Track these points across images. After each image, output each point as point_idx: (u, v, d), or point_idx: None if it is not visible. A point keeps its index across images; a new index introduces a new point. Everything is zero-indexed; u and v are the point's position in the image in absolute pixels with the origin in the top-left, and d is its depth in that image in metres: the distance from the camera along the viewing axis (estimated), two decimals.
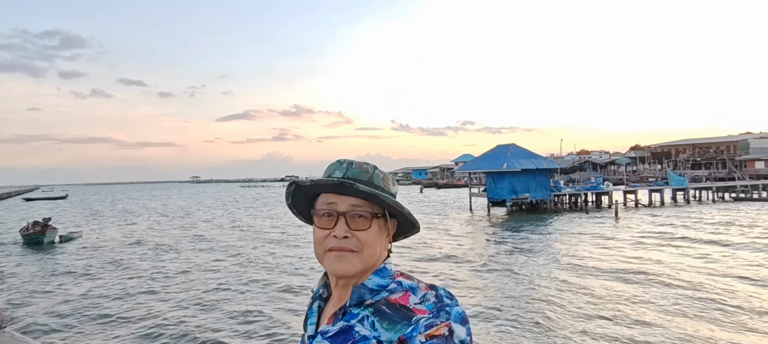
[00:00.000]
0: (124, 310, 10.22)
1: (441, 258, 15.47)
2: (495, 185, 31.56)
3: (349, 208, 0.96)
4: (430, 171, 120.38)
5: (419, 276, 0.98)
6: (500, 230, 22.47)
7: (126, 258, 17.50)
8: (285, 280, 12.75)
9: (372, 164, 1.04)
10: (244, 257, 16.69)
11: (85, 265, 16.16)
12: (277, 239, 21.37)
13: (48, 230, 21.77)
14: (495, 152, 33.81)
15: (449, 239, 19.89)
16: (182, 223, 31.88)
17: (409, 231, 1.07)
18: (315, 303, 1.06)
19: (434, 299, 0.90)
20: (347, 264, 0.94)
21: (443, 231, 22.83)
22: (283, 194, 1.11)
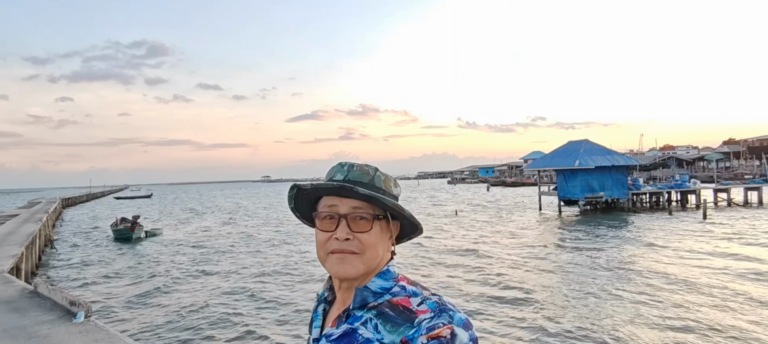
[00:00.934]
0: (198, 305, 10.91)
1: (505, 259, 15.08)
2: (566, 184, 30.28)
3: (350, 210, 0.96)
4: (498, 169, 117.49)
5: (481, 278, 0.98)
6: (572, 230, 21.51)
7: (202, 254, 18.66)
8: None
9: (374, 165, 1.03)
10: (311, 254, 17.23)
11: (166, 260, 17.44)
12: None
13: (136, 226, 23.72)
14: (566, 148, 32.46)
15: (515, 240, 19.35)
16: (255, 222, 33.42)
17: (413, 233, 1.06)
18: (320, 306, 1.07)
19: (436, 300, 0.90)
20: (349, 266, 0.94)
21: (508, 231, 22.24)
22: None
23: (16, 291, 8.11)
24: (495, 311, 9.56)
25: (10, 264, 10.80)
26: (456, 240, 19.64)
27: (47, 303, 7.15)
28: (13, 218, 25.56)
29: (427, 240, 19.79)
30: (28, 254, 14.40)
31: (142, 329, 9.10)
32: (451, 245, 18.35)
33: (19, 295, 7.78)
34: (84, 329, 5.87)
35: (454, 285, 11.77)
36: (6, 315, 6.66)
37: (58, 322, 6.18)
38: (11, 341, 5.54)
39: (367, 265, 0.95)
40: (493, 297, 10.57)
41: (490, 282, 11.97)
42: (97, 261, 17.76)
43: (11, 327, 6.05)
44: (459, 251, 16.84)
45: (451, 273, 13.32)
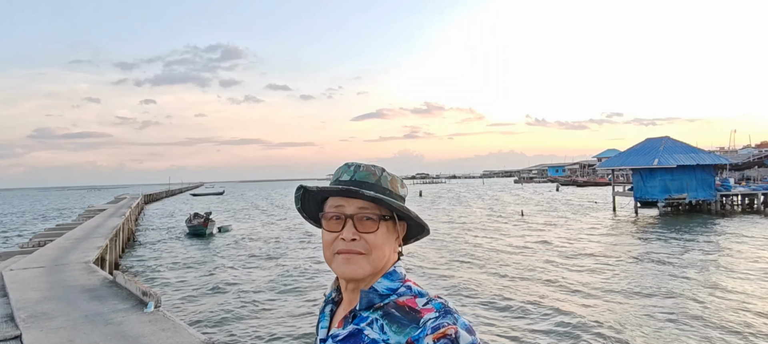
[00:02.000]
0: (266, 299, 11.32)
1: (572, 265, 14.37)
2: (644, 184, 28.43)
3: (356, 211, 0.96)
4: (569, 168, 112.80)
5: (541, 285, 0.92)
6: (651, 234, 20.12)
7: (269, 249, 19.38)
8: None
9: (380, 166, 1.03)
10: None
11: (233, 255, 18.28)
12: None
13: (208, 222, 25.10)
14: (644, 146, 30.51)
15: (586, 242, 18.40)
16: None
17: (419, 234, 1.06)
18: (327, 306, 1.07)
19: (442, 302, 0.90)
20: (356, 266, 0.94)
21: (579, 233, 21.19)
22: (416, 192, 1.11)
23: (98, 280, 8.81)
24: (551, 327, 9.11)
25: (95, 254, 11.76)
26: (520, 243, 19.00)
27: (123, 292, 7.70)
28: (101, 212, 27.91)
29: (487, 242, 19.34)
30: (111, 246, 15.64)
31: (207, 320, 9.58)
32: (512, 248, 17.79)
33: (101, 284, 8.44)
34: (153, 318, 6.25)
35: (503, 295, 11.38)
36: (88, 302, 7.24)
37: (132, 311, 6.63)
38: (90, 326, 6.01)
39: (374, 266, 0.95)
40: (554, 309, 10.08)
41: (551, 290, 11.46)
42: (172, 254, 18.97)
43: (92, 314, 6.56)
44: (521, 255, 16.28)
45: (505, 277, 12.89)
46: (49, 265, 10.39)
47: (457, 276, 12.98)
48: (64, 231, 18.17)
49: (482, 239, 20.09)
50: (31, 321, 6.27)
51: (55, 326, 6.04)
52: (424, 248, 17.13)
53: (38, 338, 5.60)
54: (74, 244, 13.81)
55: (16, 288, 8.18)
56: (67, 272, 9.66)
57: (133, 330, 5.78)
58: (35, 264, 10.50)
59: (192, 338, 5.45)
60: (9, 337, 5.81)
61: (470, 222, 27.54)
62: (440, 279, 12.68)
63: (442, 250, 17.42)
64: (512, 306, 9.98)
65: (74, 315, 6.56)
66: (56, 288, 8.23)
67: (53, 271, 9.76)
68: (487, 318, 9.28)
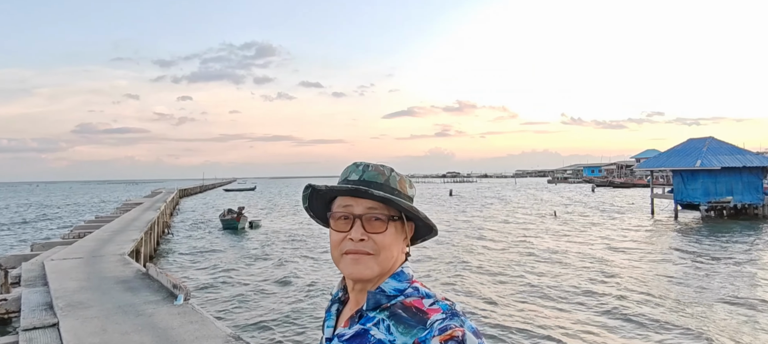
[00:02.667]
0: (292, 295, 11.46)
1: (606, 270, 13.97)
2: (685, 186, 27.38)
3: (365, 211, 0.96)
4: (605, 168, 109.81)
5: (573, 291, 0.89)
6: (692, 238, 19.36)
7: (297, 245, 19.62)
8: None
9: (389, 166, 1.03)
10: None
11: (263, 249, 18.59)
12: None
13: (240, 217, 25.65)
14: (686, 146, 29.40)
15: (621, 244, 17.86)
16: None
17: (427, 235, 1.06)
18: (333, 306, 1.07)
19: (449, 304, 0.89)
20: (364, 267, 0.94)
21: (615, 235, 20.58)
22: (447, 192, 1.11)
23: (132, 272, 9.11)
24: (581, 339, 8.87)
25: (130, 247, 12.16)
26: (550, 245, 18.61)
27: (155, 284, 7.94)
28: (138, 206, 28.87)
29: (513, 244, 19.03)
30: (146, 239, 16.15)
31: (234, 314, 9.77)
32: (540, 250, 17.43)
33: (134, 276, 8.72)
34: (182, 311, 6.40)
35: (526, 310, 11.15)
36: (121, 293, 7.49)
37: (162, 303, 6.81)
38: (123, 317, 6.21)
39: (382, 266, 0.95)
40: (586, 322, 9.82)
41: (583, 296, 11.17)
42: (204, 247, 19.44)
43: (124, 305, 6.78)
44: (548, 259, 15.93)
45: (533, 282, 12.63)
46: (87, 256, 10.81)
47: (462, 286, 12.81)
48: (102, 224, 18.88)
49: (504, 241, 19.78)
50: (68, 310, 6.53)
51: (90, 315, 6.27)
52: (439, 249, 16.98)
53: (74, 326, 5.82)
54: (111, 236, 14.33)
55: (56, 278, 8.54)
56: (103, 263, 10.03)
57: (163, 322, 5.94)
58: (74, 255, 10.94)
59: (218, 331, 5.56)
60: (48, 324, 6.06)
61: (490, 219, 27.16)
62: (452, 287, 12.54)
63: (454, 251, 17.24)
64: (540, 324, 9.78)
65: (108, 305, 6.79)
66: (92, 278, 8.55)
67: (90, 262, 10.14)
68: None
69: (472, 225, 25.86)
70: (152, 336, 5.45)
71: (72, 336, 5.48)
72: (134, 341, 5.30)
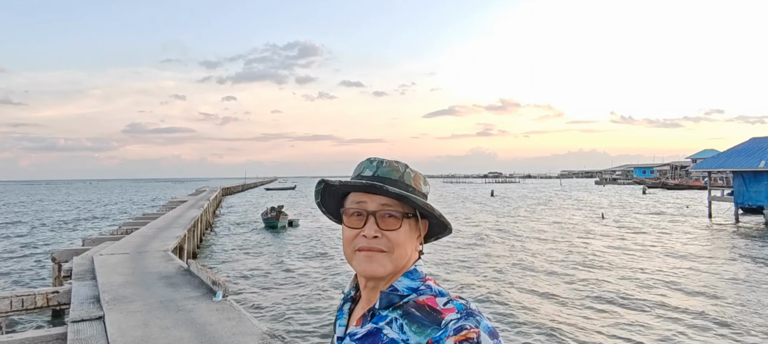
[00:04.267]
0: (328, 293, 11.55)
1: (658, 278, 13.33)
2: (747, 188, 25.86)
3: (379, 207, 0.95)
4: (658, 169, 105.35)
5: (622, 301, 0.83)
6: (755, 245, 18.23)
7: (335, 244, 19.79)
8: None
9: (403, 162, 1.02)
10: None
11: (301, 248, 18.86)
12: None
13: (281, 216, 26.18)
14: (748, 146, 27.79)
15: (678, 253, 17.02)
16: None
17: (441, 233, 1.05)
18: (345, 304, 1.07)
19: (464, 303, 0.89)
20: (377, 264, 0.94)
21: (667, 240, 19.64)
22: (488, 193, 1.09)
23: (174, 268, 9.41)
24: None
25: (174, 244, 12.59)
26: (600, 249, 17.97)
27: (196, 280, 8.17)
28: (182, 204, 29.91)
29: (562, 247, 18.48)
30: (190, 236, 16.70)
31: (271, 311, 9.93)
32: (591, 254, 16.85)
33: (176, 272, 9.01)
34: (221, 307, 6.55)
35: (579, 316, 10.75)
36: (163, 288, 7.75)
37: (202, 299, 7.00)
38: (164, 311, 6.41)
39: (395, 264, 0.94)
40: (648, 330, 9.39)
41: (640, 304, 10.69)
42: (245, 245, 19.93)
43: (165, 300, 7.01)
44: (600, 263, 15.37)
45: (585, 288, 12.19)
46: (133, 252, 11.27)
47: (497, 293, 12.50)
48: (148, 221, 19.66)
49: (552, 244, 19.23)
50: (113, 304, 6.81)
51: (133, 309, 6.51)
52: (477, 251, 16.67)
53: (117, 319, 6.06)
54: (156, 233, 14.89)
55: (103, 272, 8.93)
56: (148, 259, 10.42)
57: (201, 318, 6.09)
58: (121, 251, 11.43)
59: (254, 329, 5.65)
60: (94, 317, 6.34)
61: (535, 220, 26.48)
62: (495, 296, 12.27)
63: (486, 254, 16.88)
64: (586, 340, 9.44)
65: (150, 299, 7.03)
66: (137, 273, 8.90)
67: (136, 257, 10.56)
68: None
69: (516, 227, 25.33)
70: (191, 331, 5.59)
71: (116, 329, 5.70)
72: (174, 335, 5.45)
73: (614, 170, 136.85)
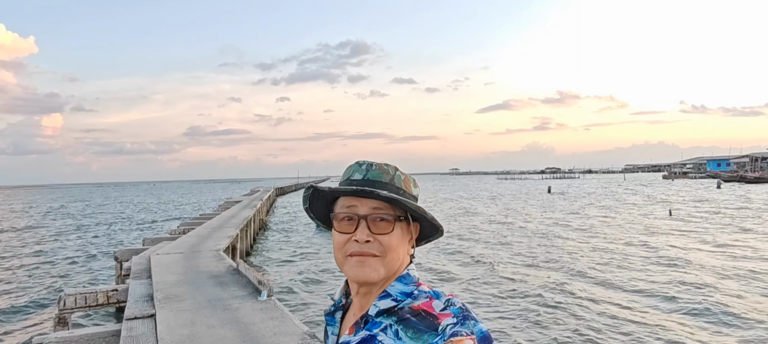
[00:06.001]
0: None
1: (742, 290, 12.44)
2: None
3: (370, 211, 0.95)
4: (734, 162, 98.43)
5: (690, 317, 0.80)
6: None
7: None
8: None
9: (393, 165, 1.01)
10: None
11: None
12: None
13: None
14: None
15: (760, 251, 15.82)
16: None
17: (433, 235, 1.04)
18: (336, 312, 1.05)
19: (461, 306, 0.87)
20: (369, 269, 0.93)
21: (744, 243, 18.29)
22: (545, 189, 1.08)
23: (224, 267, 9.78)
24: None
25: (226, 244, 13.08)
26: (673, 251, 17.02)
27: (243, 280, 8.44)
28: (237, 204, 31.04)
29: (630, 247, 17.66)
30: (242, 236, 17.30)
31: (315, 312, 10.10)
32: (666, 257, 15.98)
33: (226, 271, 9.35)
34: (265, 307, 6.73)
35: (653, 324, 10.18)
36: (213, 287, 8.07)
37: (247, 298, 7.22)
38: (211, 310, 6.67)
39: (388, 268, 0.94)
40: None
41: (727, 316, 10.03)
42: (295, 245, 20.42)
43: (213, 299, 7.29)
44: (675, 265, 14.54)
45: (657, 292, 11.56)
46: (187, 251, 11.80)
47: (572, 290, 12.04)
48: (204, 221, 20.54)
49: (619, 244, 18.39)
50: (164, 302, 7.15)
51: (182, 308, 6.81)
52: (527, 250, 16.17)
53: (167, 317, 6.36)
54: (210, 233, 15.53)
55: (158, 271, 9.41)
56: (200, 258, 10.88)
57: (246, 317, 6.28)
58: (176, 250, 12.00)
59: (295, 329, 5.76)
60: (146, 315, 6.69)
61: (599, 218, 25.39)
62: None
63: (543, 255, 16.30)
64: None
65: (200, 298, 7.34)
66: (189, 272, 9.31)
67: (189, 257, 11.06)
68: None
69: (571, 226, 24.46)
70: (235, 330, 5.78)
71: (165, 326, 5.98)
72: (218, 334, 5.65)
73: (684, 163, 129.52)
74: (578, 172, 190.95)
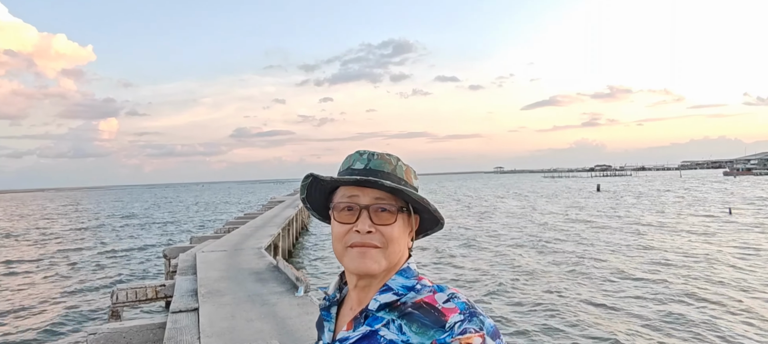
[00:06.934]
0: None
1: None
2: None
3: (372, 201, 0.92)
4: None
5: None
6: None
7: (425, 245, 19.90)
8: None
9: (395, 155, 0.99)
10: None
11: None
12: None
13: None
14: None
15: None
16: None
17: (432, 228, 1.02)
18: (331, 307, 1.01)
19: (465, 300, 0.85)
20: (371, 260, 0.90)
21: None
22: (594, 187, 1.15)
23: (264, 264, 10.12)
24: None
25: (267, 242, 13.50)
26: (720, 256, 16.23)
27: (282, 276, 8.72)
28: (280, 204, 31.83)
29: (691, 251, 16.96)
30: (284, 234, 17.76)
31: None
32: (703, 260, 15.27)
33: (266, 268, 9.68)
34: (301, 302, 6.96)
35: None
36: (253, 283, 8.38)
37: (285, 294, 7.47)
38: (250, 305, 6.96)
39: (389, 260, 0.92)
40: None
41: None
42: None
43: (253, 294, 7.59)
44: (711, 276, 13.87)
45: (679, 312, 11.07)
46: (230, 249, 12.27)
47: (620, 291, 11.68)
48: (248, 220, 21.21)
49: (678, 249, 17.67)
50: (207, 297, 7.51)
51: (224, 302, 7.13)
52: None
53: (209, 311, 6.69)
54: (253, 231, 16.04)
55: (203, 268, 9.85)
56: (242, 256, 11.29)
57: (282, 312, 6.52)
58: (220, 248, 12.50)
59: None
60: (190, 309, 7.04)
61: (654, 223, 24.41)
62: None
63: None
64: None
65: (240, 294, 7.65)
66: (231, 269, 9.70)
67: (232, 255, 11.50)
68: None
69: (628, 229, 23.67)
70: (272, 324, 6.02)
71: (207, 320, 6.30)
72: (256, 327, 5.90)
73: (748, 159, 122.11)
74: (630, 169, 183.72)
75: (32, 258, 20.65)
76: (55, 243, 25.83)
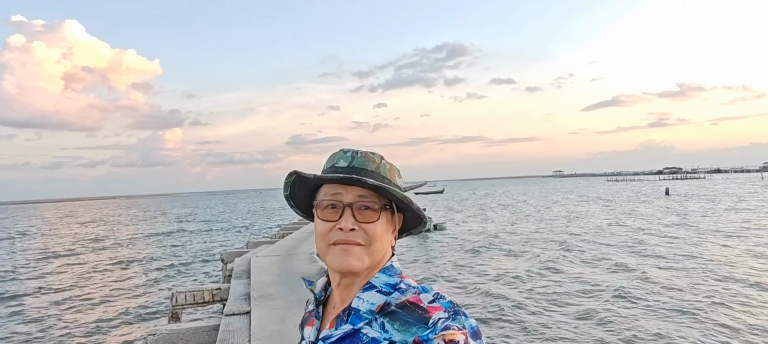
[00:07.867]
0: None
1: None
2: None
3: (355, 199, 0.94)
4: None
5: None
6: None
7: (480, 251, 19.55)
8: None
9: (379, 153, 1.01)
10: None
11: (443, 252, 18.99)
12: None
13: None
14: None
15: None
16: (536, 224, 32.92)
17: (415, 227, 1.04)
18: (318, 307, 1.03)
19: (450, 300, 0.87)
20: (354, 258, 0.92)
21: None
22: (662, 191, 1.14)
23: (315, 269, 10.25)
24: None
25: None
26: None
27: None
28: None
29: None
30: None
31: None
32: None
33: (317, 273, 9.80)
34: None
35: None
36: (304, 288, 8.49)
37: None
38: (300, 309, 7.02)
39: (372, 258, 0.93)
40: None
41: None
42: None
43: (303, 298, 7.68)
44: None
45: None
46: (283, 254, 12.54)
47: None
48: (301, 225, 21.64)
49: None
50: (259, 301, 7.69)
51: (275, 306, 7.27)
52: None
53: (261, 315, 6.84)
54: (306, 237, 16.33)
55: (256, 272, 10.12)
56: (295, 261, 11.51)
57: None
58: (274, 253, 12.80)
59: None
60: (243, 312, 7.24)
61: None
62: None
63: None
64: None
65: (291, 297, 7.78)
66: (283, 274, 9.90)
67: (285, 259, 11.75)
68: None
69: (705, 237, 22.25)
70: None
71: (258, 323, 6.44)
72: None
73: None
74: (703, 172, 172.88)
75: (106, 260, 22.11)
76: (128, 248, 27.52)
